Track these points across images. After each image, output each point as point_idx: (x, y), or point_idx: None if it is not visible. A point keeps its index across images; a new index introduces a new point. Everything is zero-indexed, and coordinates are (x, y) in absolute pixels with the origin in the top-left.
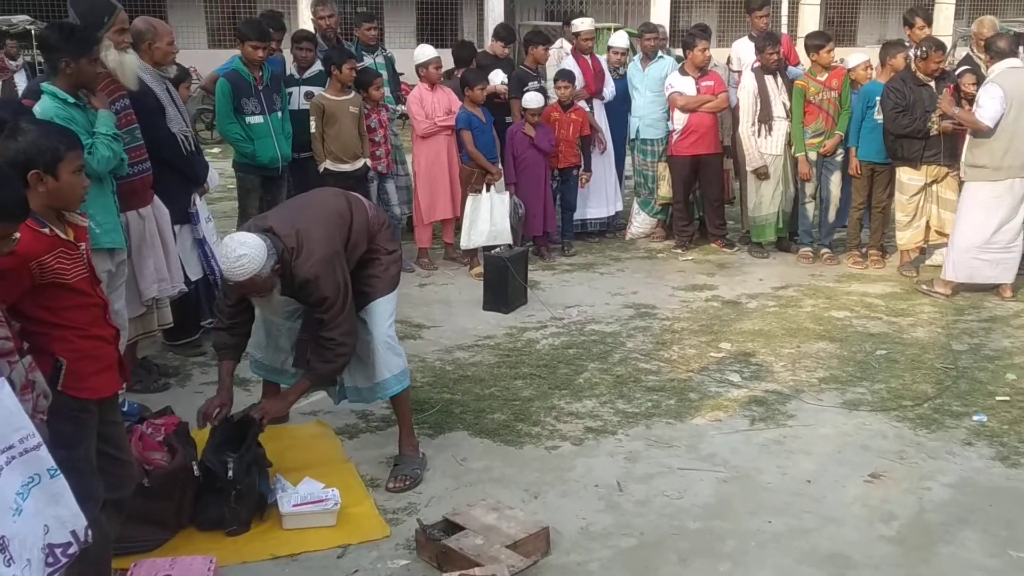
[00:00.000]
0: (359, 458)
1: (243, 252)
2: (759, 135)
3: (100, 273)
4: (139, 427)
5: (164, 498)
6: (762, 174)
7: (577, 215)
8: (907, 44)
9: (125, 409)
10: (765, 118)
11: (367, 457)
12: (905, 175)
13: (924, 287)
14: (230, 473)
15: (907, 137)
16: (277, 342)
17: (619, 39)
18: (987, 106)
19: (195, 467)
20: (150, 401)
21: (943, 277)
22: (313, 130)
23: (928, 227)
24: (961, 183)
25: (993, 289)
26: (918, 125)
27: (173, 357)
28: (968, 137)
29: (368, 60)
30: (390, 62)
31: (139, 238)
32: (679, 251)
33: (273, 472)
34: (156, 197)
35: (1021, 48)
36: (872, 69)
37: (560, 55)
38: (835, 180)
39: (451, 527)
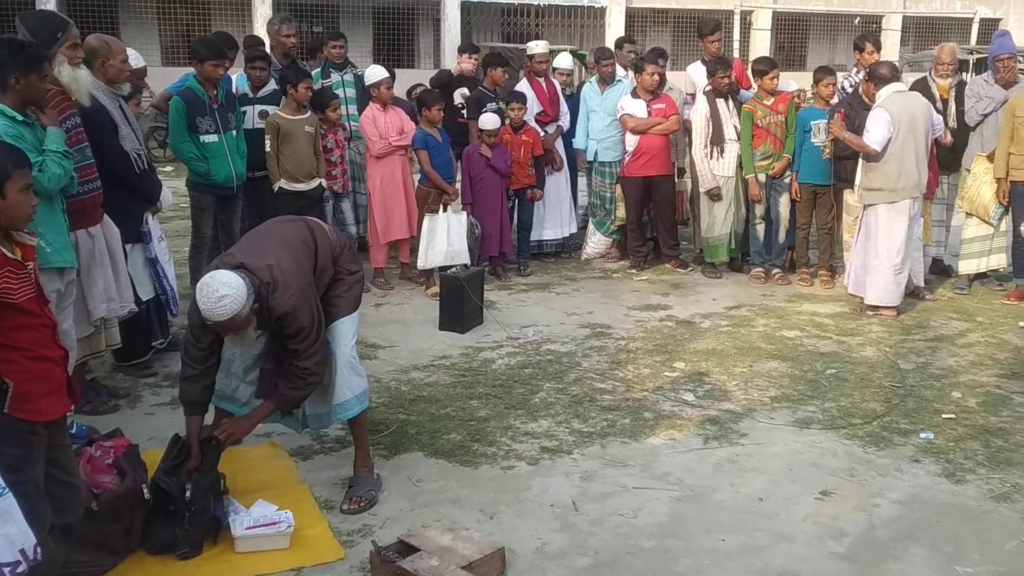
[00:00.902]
0: (313, 480)
1: (225, 292)
2: (711, 157)
3: (49, 293)
4: (88, 450)
5: (113, 521)
6: (715, 195)
7: (533, 236)
8: (855, 69)
9: (74, 431)
10: (717, 140)
11: (321, 479)
12: (850, 197)
13: (869, 313)
14: (188, 494)
15: (848, 159)
16: (229, 367)
17: (563, 60)
18: (874, 131)
19: (146, 489)
20: (100, 423)
21: (882, 304)
22: (268, 149)
23: None
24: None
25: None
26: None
27: (123, 378)
28: (861, 161)
29: (336, 78)
30: (359, 80)
31: (88, 257)
32: (634, 271)
33: (226, 495)
34: (106, 216)
35: (964, 74)
36: (800, 97)
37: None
38: (784, 201)
39: (406, 549)
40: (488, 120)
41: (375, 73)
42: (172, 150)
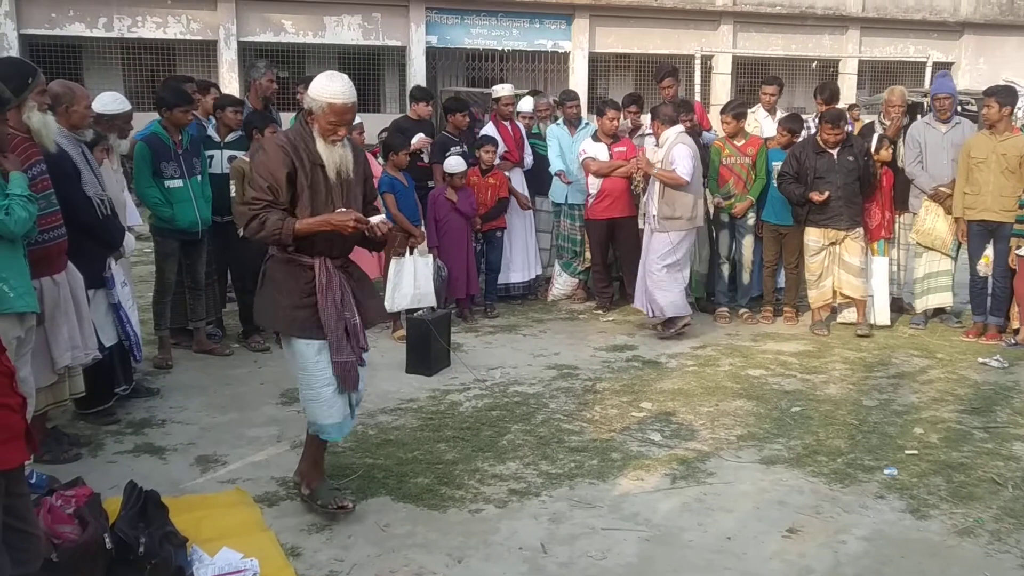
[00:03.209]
0: (279, 526)
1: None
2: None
3: (9, 339)
4: (48, 499)
5: (73, 572)
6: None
7: (501, 279)
8: (815, 115)
9: (33, 481)
10: None
11: (287, 525)
12: (808, 236)
13: (672, 331)
14: (141, 548)
15: (796, 202)
16: None
17: (525, 104)
18: (683, 163)
19: (107, 539)
20: (60, 472)
21: (678, 315)
22: (233, 194)
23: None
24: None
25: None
26: (801, 192)
27: (85, 426)
28: (662, 192)
29: None
30: None
31: (53, 305)
32: (600, 312)
33: (190, 543)
34: (70, 263)
35: (919, 116)
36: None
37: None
38: (747, 243)
39: None
40: (454, 164)
41: None
42: (137, 195)
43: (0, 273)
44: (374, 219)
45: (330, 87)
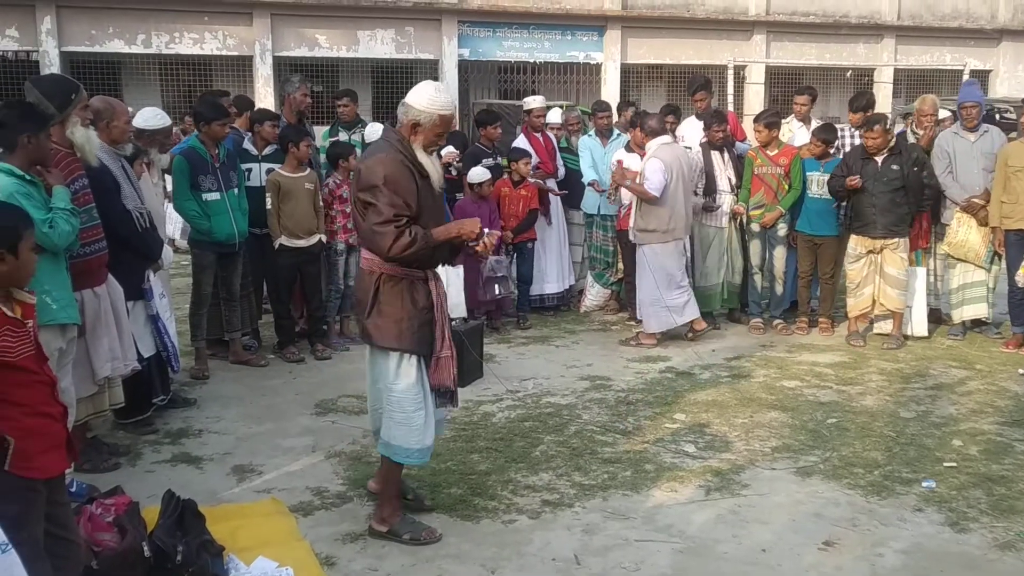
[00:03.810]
0: (314, 536)
1: None
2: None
3: (51, 350)
4: (88, 507)
5: None
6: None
7: (535, 290)
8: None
9: (73, 489)
10: (710, 191)
11: (322, 535)
12: (849, 242)
13: (632, 342)
14: (179, 556)
15: (837, 197)
16: None
17: (553, 115)
18: (652, 178)
19: (146, 547)
20: (100, 481)
21: (645, 332)
22: (269, 206)
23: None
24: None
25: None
26: (839, 184)
27: (124, 436)
28: (638, 204)
29: (344, 135)
30: (365, 139)
31: (94, 317)
32: (633, 323)
33: (227, 551)
34: (110, 275)
35: (956, 122)
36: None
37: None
38: (778, 254)
39: None
40: (477, 174)
41: (376, 131)
42: (175, 208)
43: (43, 285)
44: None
45: (440, 99)
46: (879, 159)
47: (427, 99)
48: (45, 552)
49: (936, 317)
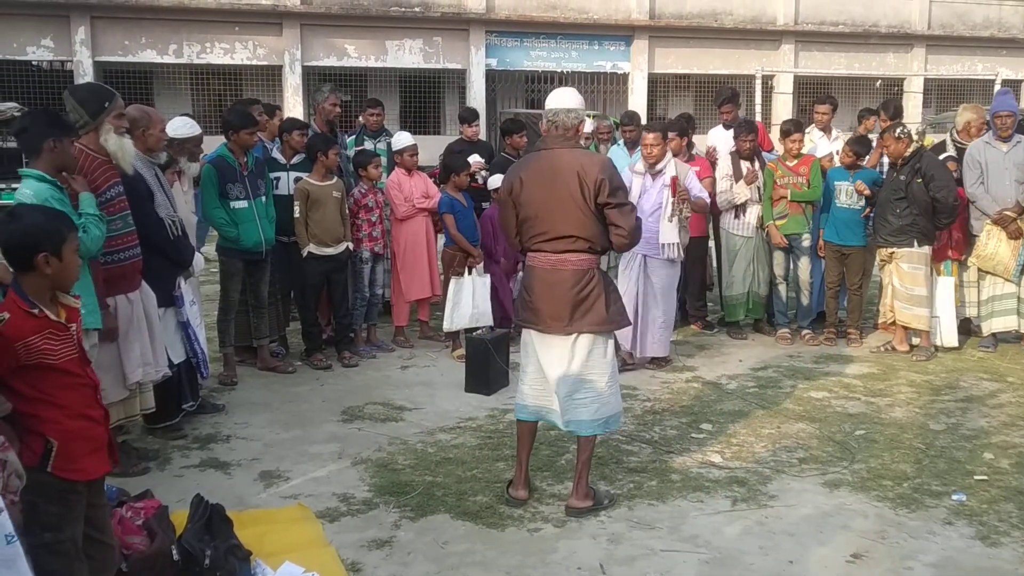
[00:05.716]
0: (340, 542)
1: None
2: (734, 216)
3: None
4: (119, 511)
5: None
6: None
7: None
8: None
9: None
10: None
11: (348, 541)
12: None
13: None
14: (207, 560)
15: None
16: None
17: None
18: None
19: (174, 551)
20: (129, 485)
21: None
22: (297, 215)
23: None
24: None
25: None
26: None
27: (153, 440)
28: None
29: (369, 144)
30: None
31: (127, 322)
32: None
33: (253, 556)
34: (144, 281)
35: (988, 132)
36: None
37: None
38: (803, 265)
39: None
40: (498, 181)
41: (402, 140)
42: (203, 216)
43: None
44: None
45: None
46: (897, 166)
47: (580, 101)
48: (83, 554)
49: (966, 328)
